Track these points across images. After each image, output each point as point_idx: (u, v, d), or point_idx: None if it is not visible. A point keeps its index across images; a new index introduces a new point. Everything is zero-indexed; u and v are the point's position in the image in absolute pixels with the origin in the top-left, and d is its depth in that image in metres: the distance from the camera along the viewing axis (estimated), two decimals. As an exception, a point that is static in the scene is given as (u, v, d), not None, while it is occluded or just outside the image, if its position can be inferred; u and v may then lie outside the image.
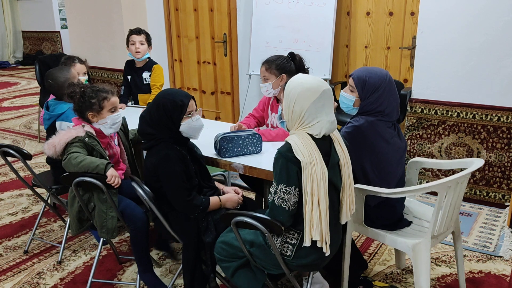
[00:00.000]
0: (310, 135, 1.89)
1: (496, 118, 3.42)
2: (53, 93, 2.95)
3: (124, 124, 2.70)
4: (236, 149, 2.51)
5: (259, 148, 2.57)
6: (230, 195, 2.41)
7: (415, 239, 2.17)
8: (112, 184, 2.27)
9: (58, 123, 2.83)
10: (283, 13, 4.24)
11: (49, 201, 3.06)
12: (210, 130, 2.65)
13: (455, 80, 3.51)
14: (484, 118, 3.46)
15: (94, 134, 2.40)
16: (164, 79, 3.93)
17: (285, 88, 1.97)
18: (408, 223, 2.33)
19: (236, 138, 2.50)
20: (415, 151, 3.77)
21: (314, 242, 1.91)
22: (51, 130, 2.83)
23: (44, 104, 2.98)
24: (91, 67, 4.65)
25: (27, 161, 2.67)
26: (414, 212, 2.45)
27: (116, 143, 2.61)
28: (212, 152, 2.56)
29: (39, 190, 2.96)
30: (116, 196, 2.39)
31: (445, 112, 3.59)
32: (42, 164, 4.44)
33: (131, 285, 2.68)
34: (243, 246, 2.05)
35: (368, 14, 4.16)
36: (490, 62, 3.36)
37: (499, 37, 3.29)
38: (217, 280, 2.42)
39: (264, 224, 1.91)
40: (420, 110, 3.68)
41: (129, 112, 3.34)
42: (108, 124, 2.44)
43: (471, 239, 3.05)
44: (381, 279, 2.67)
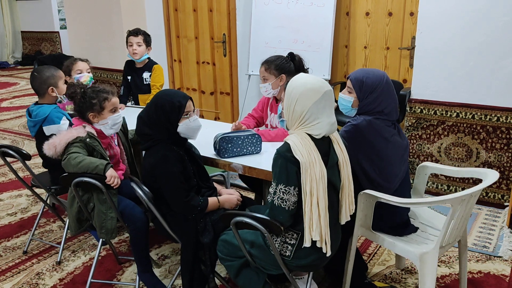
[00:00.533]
0: (309, 135, 1.89)
1: (495, 118, 3.42)
2: (35, 88, 2.86)
3: (124, 125, 2.70)
4: (235, 149, 2.51)
5: (259, 149, 2.57)
6: (229, 196, 2.41)
7: (422, 248, 2.12)
8: (112, 185, 2.26)
9: (45, 128, 2.79)
10: (282, 13, 4.24)
11: (48, 201, 3.06)
12: (209, 131, 2.65)
13: (454, 81, 3.51)
14: (483, 118, 3.47)
15: (95, 134, 2.40)
16: (164, 79, 3.93)
17: (286, 87, 1.96)
18: (414, 229, 2.30)
19: (236, 139, 2.50)
20: (414, 151, 3.77)
21: (314, 242, 1.91)
22: (40, 136, 2.79)
23: (26, 111, 2.91)
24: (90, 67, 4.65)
25: (26, 161, 2.67)
26: (421, 218, 2.42)
27: (116, 143, 2.61)
28: (212, 152, 2.56)
29: (38, 191, 2.96)
30: (116, 197, 2.39)
31: (444, 112, 3.59)
32: (41, 164, 4.43)
33: (130, 285, 2.68)
34: (242, 247, 2.04)
35: (367, 14, 4.16)
36: (489, 62, 3.36)
37: (498, 37, 3.29)
38: (216, 281, 2.41)
39: (264, 225, 1.91)
40: (419, 110, 3.69)
41: (128, 112, 3.33)
42: (109, 124, 2.44)
43: (470, 239, 3.05)
44: (380, 279, 2.67)
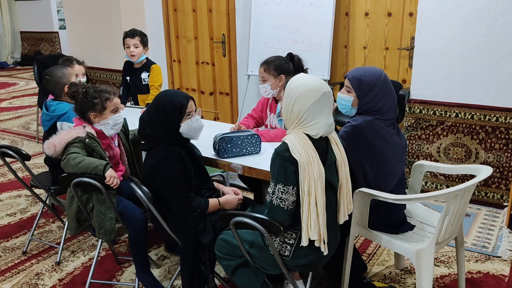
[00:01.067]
0: (307, 135, 1.90)
1: (494, 118, 3.42)
2: (51, 90, 2.93)
3: (125, 125, 2.69)
4: (235, 149, 2.51)
5: (258, 149, 2.57)
6: (229, 197, 2.40)
7: (419, 245, 2.14)
8: (111, 185, 2.26)
9: (59, 123, 2.82)
10: (282, 13, 4.24)
11: (47, 201, 3.06)
12: (208, 131, 2.65)
13: (453, 81, 3.52)
14: (482, 119, 3.47)
15: (95, 135, 2.40)
16: (163, 79, 3.93)
17: (286, 86, 1.97)
18: (411, 227, 2.32)
19: (235, 139, 2.50)
20: (413, 151, 3.77)
21: (312, 242, 1.91)
22: (52, 131, 2.81)
23: (42, 105, 2.96)
24: (89, 68, 4.64)
25: (26, 161, 2.67)
26: (417, 216, 2.43)
27: (116, 144, 2.61)
28: (211, 152, 2.56)
29: (37, 191, 2.95)
30: (115, 197, 2.39)
31: (443, 112, 3.60)
32: (40, 165, 4.43)
33: (129, 285, 2.68)
34: (242, 247, 2.05)
35: (366, 14, 4.17)
36: (488, 63, 3.36)
37: (497, 37, 3.29)
38: (215, 281, 2.41)
39: (263, 225, 1.91)
40: (418, 110, 3.69)
41: (128, 112, 3.33)
42: (109, 125, 2.44)
43: (469, 239, 3.05)
44: (380, 279, 2.67)
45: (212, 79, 5.25)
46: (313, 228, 1.87)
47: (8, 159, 2.73)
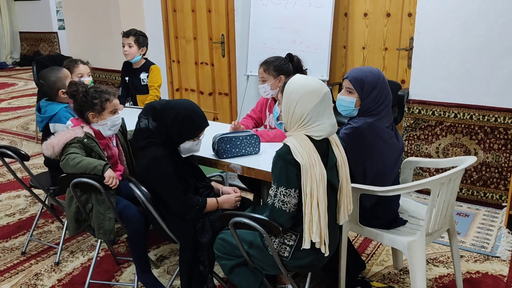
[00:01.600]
0: (308, 137, 1.89)
1: (493, 119, 3.43)
2: (45, 93, 2.92)
3: (123, 125, 2.69)
4: (234, 150, 2.51)
5: (257, 149, 2.57)
6: (228, 197, 2.40)
7: (410, 236, 2.19)
8: (110, 185, 2.26)
9: (51, 125, 2.80)
10: (281, 14, 4.24)
11: (46, 202, 3.06)
12: (208, 131, 2.65)
13: (452, 81, 3.52)
14: (481, 119, 3.47)
15: (93, 135, 2.40)
16: (162, 79, 3.92)
17: (284, 89, 1.96)
18: (403, 222, 2.34)
19: (234, 139, 2.51)
20: (412, 151, 3.77)
21: (312, 243, 1.91)
22: (46, 132, 2.82)
23: (36, 106, 2.95)
24: (89, 68, 4.66)
25: (25, 162, 2.67)
26: (409, 212, 2.47)
27: (115, 144, 2.61)
28: (210, 153, 2.56)
29: (36, 191, 2.96)
30: (114, 197, 2.39)
31: (442, 113, 3.60)
32: (39, 165, 4.43)
33: (129, 286, 2.68)
34: (241, 247, 2.04)
35: (365, 15, 4.17)
36: (487, 63, 3.37)
37: (496, 38, 3.30)
38: (214, 281, 2.41)
39: (262, 225, 1.91)
40: (417, 111, 3.69)
41: (127, 113, 3.33)
42: (107, 125, 2.43)
43: (468, 239, 3.06)
44: (378, 279, 2.67)
45: (211, 80, 5.25)
46: (315, 230, 1.86)
47: (7, 160, 2.73)
